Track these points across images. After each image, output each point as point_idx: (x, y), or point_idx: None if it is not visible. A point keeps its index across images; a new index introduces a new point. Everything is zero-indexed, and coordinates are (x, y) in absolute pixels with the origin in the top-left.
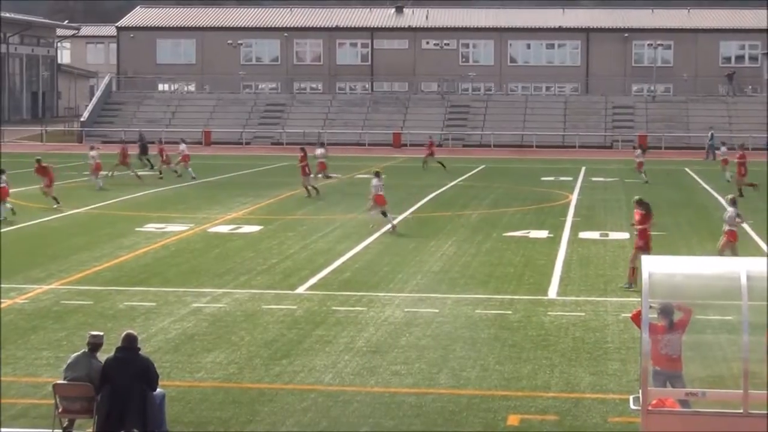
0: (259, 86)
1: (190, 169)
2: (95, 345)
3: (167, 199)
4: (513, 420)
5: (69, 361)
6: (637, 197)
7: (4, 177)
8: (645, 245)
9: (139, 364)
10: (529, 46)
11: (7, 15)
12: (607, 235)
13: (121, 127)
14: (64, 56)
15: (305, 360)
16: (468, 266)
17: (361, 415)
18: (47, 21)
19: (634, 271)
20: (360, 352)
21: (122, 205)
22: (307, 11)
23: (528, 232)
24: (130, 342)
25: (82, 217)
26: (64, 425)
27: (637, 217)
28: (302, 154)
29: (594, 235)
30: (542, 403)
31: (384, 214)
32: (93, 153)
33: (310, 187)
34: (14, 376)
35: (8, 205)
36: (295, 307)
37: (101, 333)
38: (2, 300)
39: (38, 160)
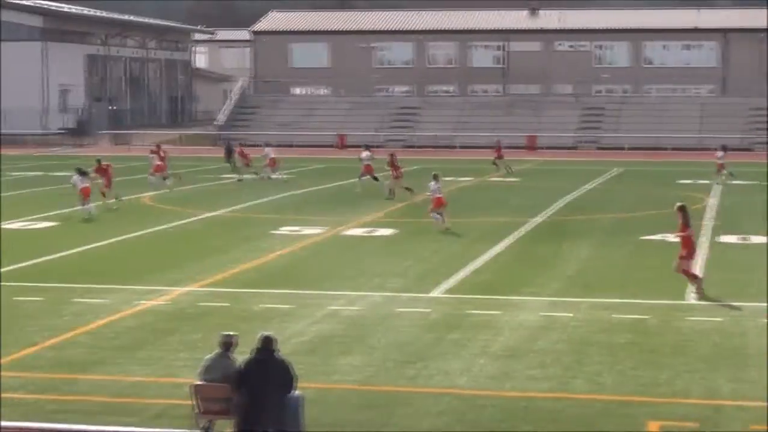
0: (392, 89)
1: (278, 174)
2: (228, 344)
3: (302, 202)
4: (652, 426)
5: (205, 362)
6: (678, 204)
7: (86, 177)
8: (689, 253)
9: (276, 366)
10: (664, 47)
11: (145, 20)
12: (747, 239)
13: (256, 130)
14: (200, 60)
15: (440, 363)
16: (604, 270)
17: (497, 419)
18: (184, 26)
19: (691, 276)
20: (495, 356)
21: (258, 208)
22: (439, 14)
23: (665, 236)
24: (267, 344)
25: (219, 220)
26: (204, 426)
27: (680, 225)
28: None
29: (733, 238)
30: (682, 410)
31: (439, 213)
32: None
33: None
34: (153, 376)
35: (92, 205)
36: (429, 310)
37: (233, 333)
38: (142, 302)
39: (98, 161)
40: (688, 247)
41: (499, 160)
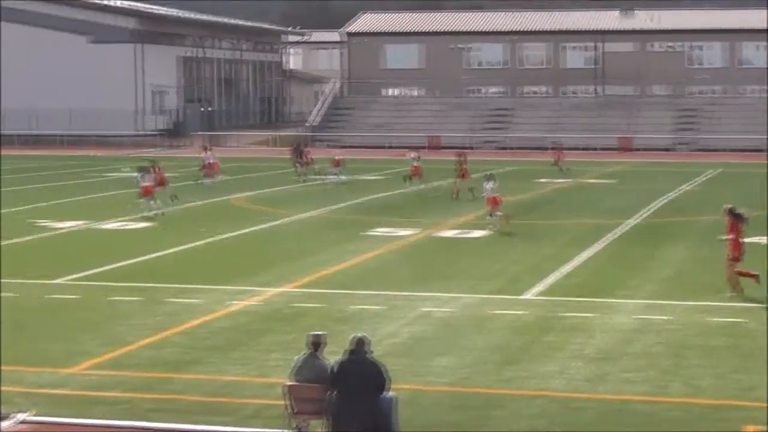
0: (485, 90)
1: (337, 170)
2: (317, 344)
3: (394, 204)
4: (749, 431)
5: (295, 363)
6: (727, 206)
7: (148, 176)
8: (738, 256)
9: (368, 368)
10: (760, 48)
11: (238, 22)
12: None
13: (349, 131)
14: (293, 62)
15: (534, 366)
16: (701, 273)
17: (592, 422)
18: (276, 27)
19: (737, 278)
20: (589, 359)
21: (350, 209)
22: (532, 15)
23: (763, 238)
24: (360, 345)
25: (311, 221)
26: (297, 426)
27: (727, 227)
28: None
29: None
30: None
31: (490, 215)
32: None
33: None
34: (247, 376)
35: (152, 202)
36: (523, 312)
37: (322, 332)
38: (235, 302)
39: (152, 162)
40: (736, 250)
41: (561, 162)
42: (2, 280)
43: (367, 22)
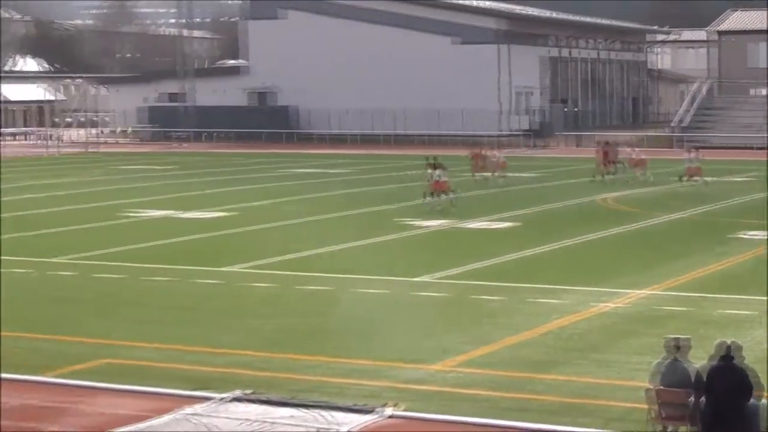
0: None
1: (647, 172)
2: (678, 348)
3: (762, 206)
4: None
5: (657, 366)
6: None
7: (438, 172)
8: None
9: (739, 374)
10: None
11: (602, 21)
12: None
13: (718, 132)
14: (660, 61)
15: None
16: None
17: None
18: (642, 26)
19: None
20: None
21: (718, 211)
22: None
23: None
24: (728, 351)
25: (679, 223)
26: (664, 431)
27: None
28: None
29: None
30: None
31: None
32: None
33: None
34: (610, 379)
35: (444, 197)
36: None
37: (683, 336)
38: (600, 303)
39: (434, 158)
40: None
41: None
42: (371, 277)
43: (736, 19)
